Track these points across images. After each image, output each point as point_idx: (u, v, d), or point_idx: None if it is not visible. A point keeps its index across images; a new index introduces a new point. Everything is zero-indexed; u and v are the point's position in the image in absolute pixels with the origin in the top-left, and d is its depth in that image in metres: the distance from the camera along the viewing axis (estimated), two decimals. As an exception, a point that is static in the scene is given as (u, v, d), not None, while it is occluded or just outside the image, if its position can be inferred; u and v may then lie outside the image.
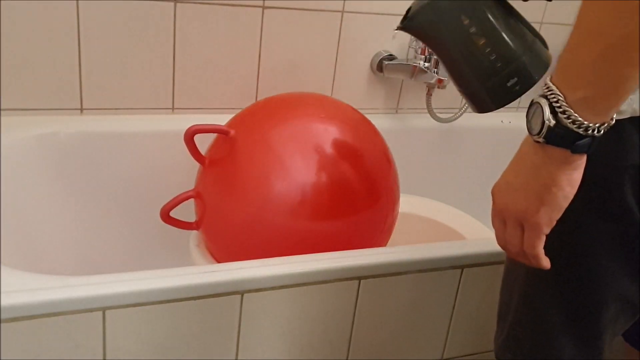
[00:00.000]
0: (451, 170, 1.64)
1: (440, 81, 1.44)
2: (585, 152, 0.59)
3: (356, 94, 1.49)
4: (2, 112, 1.20)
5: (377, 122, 1.13)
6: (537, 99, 0.60)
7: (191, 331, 0.87)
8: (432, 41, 0.81)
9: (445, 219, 1.30)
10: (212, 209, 1.03)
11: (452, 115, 1.54)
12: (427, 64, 1.42)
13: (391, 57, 1.46)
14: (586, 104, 0.56)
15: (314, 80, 1.44)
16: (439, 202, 1.36)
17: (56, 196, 1.24)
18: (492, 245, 0.74)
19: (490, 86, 0.76)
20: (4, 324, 0.75)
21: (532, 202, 0.62)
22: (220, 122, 1.05)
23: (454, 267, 1.01)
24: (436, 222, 1.30)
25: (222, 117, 1.12)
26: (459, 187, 1.64)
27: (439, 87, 1.47)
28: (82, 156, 1.26)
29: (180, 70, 1.31)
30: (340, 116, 1.07)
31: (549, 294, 0.71)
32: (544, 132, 0.58)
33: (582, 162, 0.60)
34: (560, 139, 0.58)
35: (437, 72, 1.43)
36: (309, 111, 1.06)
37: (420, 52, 1.42)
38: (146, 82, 1.30)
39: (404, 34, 0.87)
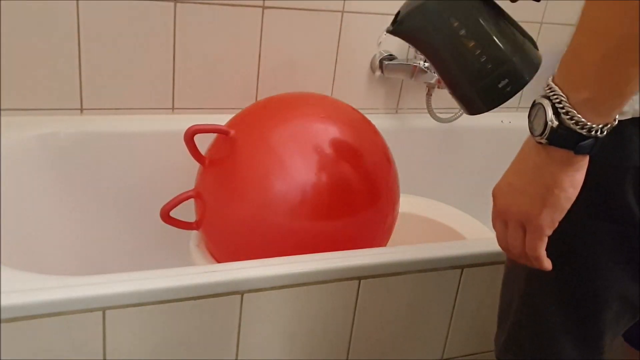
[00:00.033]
0: (451, 170, 1.64)
1: (440, 81, 1.44)
2: (588, 153, 0.58)
3: (356, 94, 1.49)
4: (2, 112, 1.20)
5: (377, 122, 1.13)
6: (540, 100, 0.59)
7: (191, 331, 0.87)
8: (422, 45, 0.81)
9: (445, 219, 1.30)
10: (212, 209, 1.02)
11: (452, 115, 1.53)
12: (427, 64, 1.42)
13: (391, 57, 1.46)
14: (589, 104, 0.56)
15: (314, 80, 1.43)
16: (439, 202, 1.36)
17: (56, 196, 1.24)
18: (492, 245, 0.74)
19: (481, 88, 0.76)
20: (4, 324, 0.75)
21: (535, 204, 0.61)
22: (220, 122, 1.05)
23: (454, 267, 1.01)
24: (436, 222, 1.30)
25: (222, 117, 1.12)
26: (459, 187, 1.63)
27: (439, 87, 1.46)
28: (82, 156, 1.26)
29: (180, 70, 1.31)
30: (340, 116, 1.07)
31: (550, 294, 0.71)
32: (546, 133, 0.58)
33: (584, 163, 0.60)
34: (563, 140, 0.57)
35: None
36: (309, 111, 1.06)
37: (420, 52, 1.42)
38: (146, 82, 1.30)
39: (390, 38, 0.86)
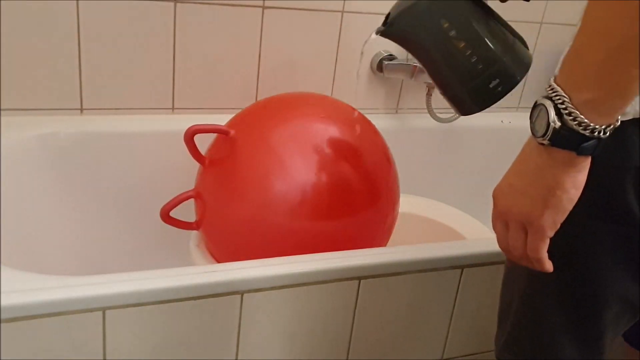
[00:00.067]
0: (451, 170, 1.64)
1: (439, 82, 1.44)
2: (590, 154, 0.58)
3: (356, 94, 1.49)
4: (2, 112, 1.20)
5: (377, 122, 1.13)
6: (541, 101, 0.59)
7: (191, 331, 0.87)
8: (412, 46, 0.81)
9: (445, 219, 1.30)
10: (212, 209, 1.02)
11: (452, 115, 1.53)
12: (426, 64, 1.42)
13: (391, 57, 1.46)
14: (592, 105, 0.56)
15: (314, 80, 1.43)
16: (439, 202, 1.36)
17: (56, 196, 1.24)
18: (492, 245, 0.73)
19: (472, 88, 0.76)
20: (4, 324, 0.75)
21: (536, 205, 0.61)
22: (220, 122, 1.05)
23: (454, 267, 1.01)
24: (436, 222, 1.30)
25: (222, 117, 1.12)
26: (459, 187, 1.63)
27: (438, 87, 1.46)
28: (82, 156, 1.26)
29: (180, 70, 1.31)
30: (340, 116, 1.07)
31: (550, 294, 0.71)
32: (549, 134, 0.57)
33: (586, 164, 0.59)
34: (565, 141, 0.57)
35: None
36: (309, 111, 1.06)
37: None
38: (146, 82, 1.30)
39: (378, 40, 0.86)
